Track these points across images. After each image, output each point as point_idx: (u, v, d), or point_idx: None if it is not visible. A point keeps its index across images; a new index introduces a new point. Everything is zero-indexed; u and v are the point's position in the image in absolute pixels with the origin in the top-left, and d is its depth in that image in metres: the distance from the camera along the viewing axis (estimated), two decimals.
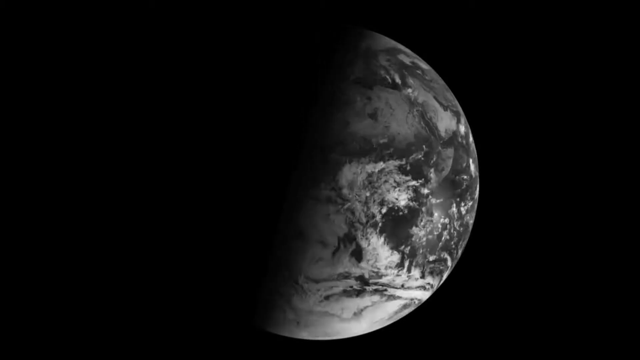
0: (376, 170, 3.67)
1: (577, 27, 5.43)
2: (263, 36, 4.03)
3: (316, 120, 3.66)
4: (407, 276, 3.94)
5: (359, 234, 3.70)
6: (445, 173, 3.94)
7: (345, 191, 3.63)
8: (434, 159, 3.88)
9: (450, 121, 4.11)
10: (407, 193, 3.74)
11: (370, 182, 3.66)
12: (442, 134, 4.00)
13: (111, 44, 5.14)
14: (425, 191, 3.82)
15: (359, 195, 3.64)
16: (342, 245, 3.70)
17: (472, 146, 4.32)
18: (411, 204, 3.77)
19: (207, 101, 3.87)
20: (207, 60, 4.04)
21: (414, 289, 4.07)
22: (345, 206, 3.63)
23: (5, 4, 5.04)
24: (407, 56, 4.18)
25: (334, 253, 3.71)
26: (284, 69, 3.82)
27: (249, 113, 3.73)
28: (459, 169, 4.01)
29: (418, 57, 4.30)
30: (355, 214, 3.66)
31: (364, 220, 3.67)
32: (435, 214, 3.89)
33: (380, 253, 3.76)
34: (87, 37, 5.14)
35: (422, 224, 3.83)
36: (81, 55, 5.13)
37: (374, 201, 3.67)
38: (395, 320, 4.34)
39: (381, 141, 3.70)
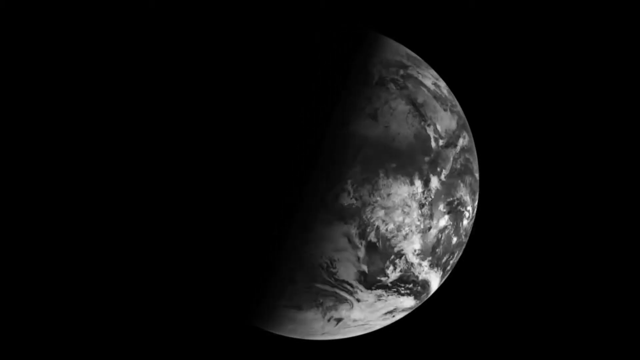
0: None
1: (577, 27, 5.43)
2: (263, 36, 4.03)
3: (316, 119, 3.66)
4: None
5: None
6: (445, 173, 3.94)
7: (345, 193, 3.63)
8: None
9: (450, 121, 4.11)
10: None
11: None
12: (442, 134, 4.00)
13: (111, 44, 5.14)
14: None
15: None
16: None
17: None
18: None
19: (206, 101, 3.87)
20: (208, 61, 4.04)
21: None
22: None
23: (5, 4, 5.04)
24: (407, 56, 4.18)
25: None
26: (284, 69, 3.82)
27: (249, 113, 3.73)
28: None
29: (418, 57, 4.29)
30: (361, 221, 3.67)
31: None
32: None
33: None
34: (87, 37, 5.14)
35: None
36: (81, 55, 5.13)
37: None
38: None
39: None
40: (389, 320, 4.22)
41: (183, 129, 3.90)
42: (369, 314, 4.03)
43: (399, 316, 4.25)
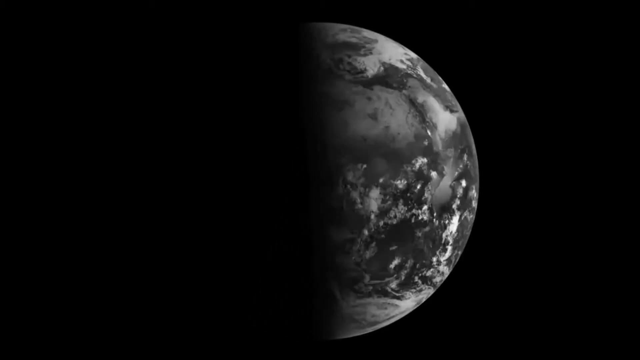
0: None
1: (577, 27, 5.43)
2: (262, 36, 4.03)
3: (316, 121, 3.66)
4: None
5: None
6: (445, 174, 3.94)
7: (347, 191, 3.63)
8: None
9: (450, 121, 4.11)
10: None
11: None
12: (442, 134, 4.00)
13: (111, 44, 5.14)
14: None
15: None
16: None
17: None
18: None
19: (206, 101, 3.87)
20: (208, 61, 4.04)
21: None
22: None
23: (5, 4, 5.04)
24: (408, 56, 4.18)
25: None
26: (283, 69, 3.82)
27: (249, 114, 3.73)
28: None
29: (418, 56, 4.30)
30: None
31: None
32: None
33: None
34: (87, 37, 5.14)
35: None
36: (81, 55, 5.13)
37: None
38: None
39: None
40: None
41: (183, 129, 3.90)
42: None
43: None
